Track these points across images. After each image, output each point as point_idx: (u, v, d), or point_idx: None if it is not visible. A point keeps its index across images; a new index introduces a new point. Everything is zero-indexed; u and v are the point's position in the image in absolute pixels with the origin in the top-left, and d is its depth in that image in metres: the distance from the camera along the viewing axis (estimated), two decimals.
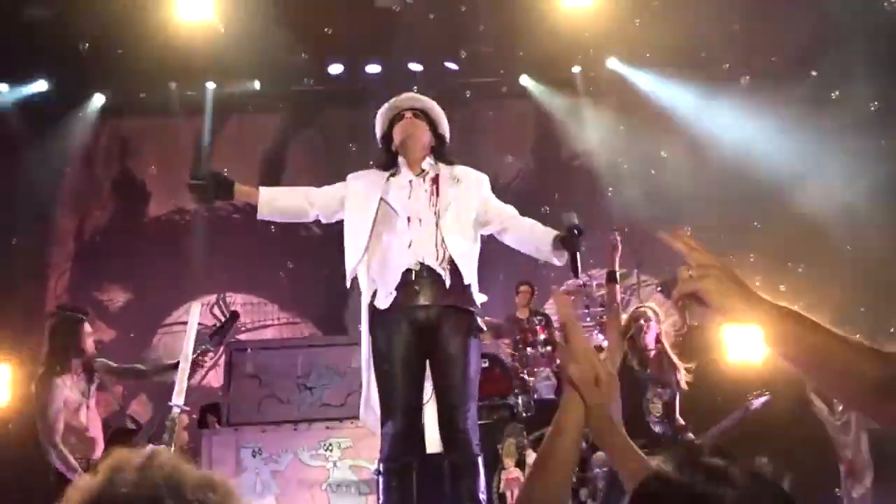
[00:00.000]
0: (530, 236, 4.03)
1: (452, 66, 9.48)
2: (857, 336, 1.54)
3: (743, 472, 1.34)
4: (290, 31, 8.83)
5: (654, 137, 9.84)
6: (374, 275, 3.96)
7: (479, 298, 4.05)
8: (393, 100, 4.22)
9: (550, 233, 3.89)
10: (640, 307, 6.03)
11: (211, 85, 9.90)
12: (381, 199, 3.99)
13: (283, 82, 10.09)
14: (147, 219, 10.57)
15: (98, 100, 10.01)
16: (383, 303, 3.88)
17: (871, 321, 7.97)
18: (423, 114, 4.16)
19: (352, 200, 4.08)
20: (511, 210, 4.17)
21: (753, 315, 1.64)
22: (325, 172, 10.19)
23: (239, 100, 10.21)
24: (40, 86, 9.52)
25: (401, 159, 4.11)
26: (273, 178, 10.69)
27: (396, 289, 3.86)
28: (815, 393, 7.37)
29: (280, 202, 4.14)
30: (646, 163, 9.85)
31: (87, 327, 5.16)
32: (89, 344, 5.13)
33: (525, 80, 10.11)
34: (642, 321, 5.77)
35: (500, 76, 10.08)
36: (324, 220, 4.20)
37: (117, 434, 5.10)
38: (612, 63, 9.81)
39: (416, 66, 9.12)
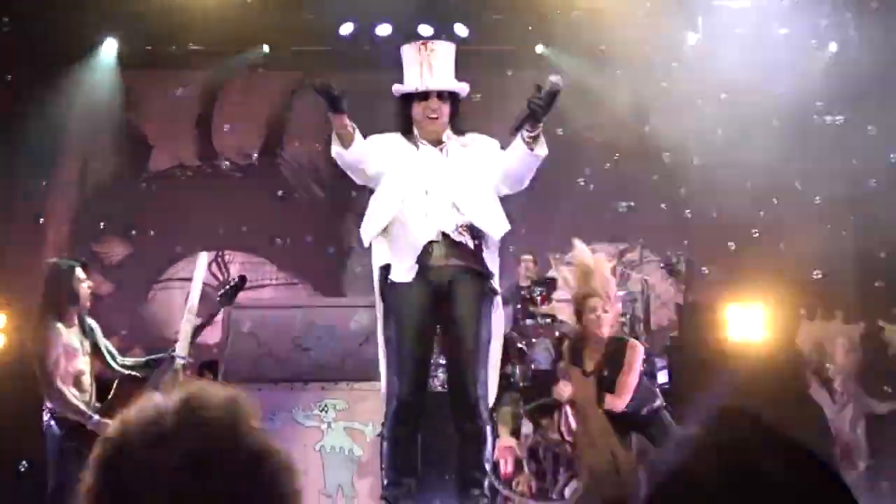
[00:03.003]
0: (511, 155, 3.96)
1: (463, 31, 9.34)
2: None
3: (784, 441, 1.18)
4: None
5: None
6: (392, 246, 3.90)
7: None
8: (414, 70, 4.04)
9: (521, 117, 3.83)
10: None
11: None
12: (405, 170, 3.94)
13: (291, 44, 9.98)
14: (148, 173, 10.49)
15: (110, 46, 9.86)
16: (404, 276, 3.81)
17: None
18: (448, 96, 4.05)
19: (388, 168, 3.99)
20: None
21: None
22: (328, 133, 10.14)
23: (249, 61, 10.11)
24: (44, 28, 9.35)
25: (417, 130, 4.04)
26: (276, 138, 10.63)
27: (418, 261, 3.81)
28: (814, 375, 7.40)
29: (367, 149, 3.97)
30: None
31: (81, 273, 5.08)
32: (83, 290, 5.06)
33: (541, 49, 9.99)
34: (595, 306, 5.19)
35: (514, 45, 9.94)
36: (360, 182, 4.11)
37: (125, 380, 5.06)
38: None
39: (426, 30, 8.98)
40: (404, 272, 3.81)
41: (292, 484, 1.24)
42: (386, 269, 3.90)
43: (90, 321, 5.19)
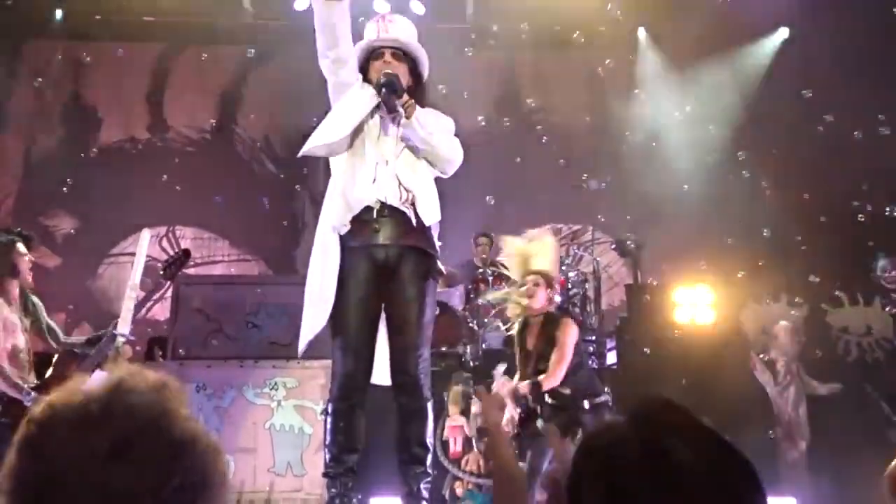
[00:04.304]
0: None
1: (419, 8, 9.30)
2: None
3: (699, 428, 1.30)
4: None
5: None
6: (336, 196, 3.88)
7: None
8: (372, 33, 4.04)
9: None
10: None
11: None
12: (362, 125, 3.90)
13: (245, 17, 9.86)
14: (97, 146, 10.32)
15: (57, 16, 9.65)
16: (339, 229, 3.82)
17: None
18: (402, 52, 4.03)
19: (349, 97, 3.90)
20: None
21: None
22: (282, 109, 10.07)
23: (202, 30, 9.95)
24: None
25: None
26: (229, 111, 10.52)
27: (352, 222, 3.81)
28: (758, 357, 7.53)
29: (343, 24, 3.78)
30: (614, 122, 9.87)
31: (21, 247, 4.97)
32: (24, 264, 4.96)
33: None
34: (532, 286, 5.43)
35: (470, 23, 9.91)
36: (331, 74, 3.90)
37: (63, 357, 4.99)
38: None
39: (382, 5, 8.93)
40: (340, 227, 3.80)
41: (220, 469, 1.25)
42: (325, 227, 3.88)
43: (34, 298, 5.10)
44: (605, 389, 5.59)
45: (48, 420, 1.21)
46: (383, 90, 3.79)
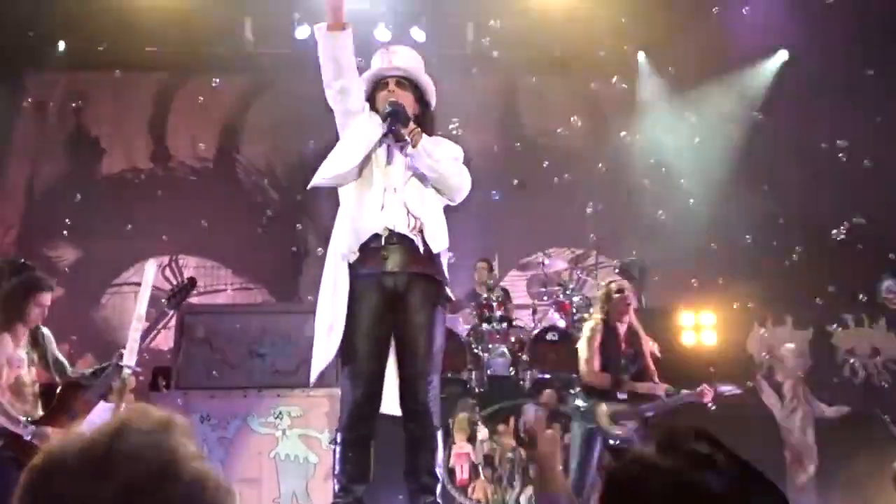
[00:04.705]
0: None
1: (420, 35, 9.35)
2: None
3: (730, 458, 1.27)
4: None
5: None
6: (344, 224, 3.89)
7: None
8: (377, 63, 4.07)
9: None
10: (614, 281, 6.07)
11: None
12: (370, 153, 3.91)
13: (246, 46, 9.90)
14: (100, 176, 10.35)
15: (60, 48, 9.71)
16: (348, 257, 3.82)
17: None
18: (407, 81, 4.05)
19: (356, 127, 3.92)
20: None
21: None
22: (283, 137, 10.10)
23: (204, 60, 10.00)
24: None
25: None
26: (231, 140, 10.55)
27: (360, 250, 3.80)
28: (764, 380, 7.50)
29: (347, 54, 3.83)
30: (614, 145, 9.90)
31: (43, 298, 4.94)
32: (35, 314, 4.91)
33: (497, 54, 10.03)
34: (626, 292, 5.89)
35: (471, 49, 9.94)
36: (337, 104, 3.91)
37: (68, 388, 4.97)
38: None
39: (383, 33, 8.98)
40: (349, 254, 3.80)
41: None
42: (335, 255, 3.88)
43: (44, 330, 5.06)
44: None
45: (49, 468, 1.15)
46: (388, 119, 3.80)
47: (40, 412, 4.88)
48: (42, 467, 1.16)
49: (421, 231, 3.84)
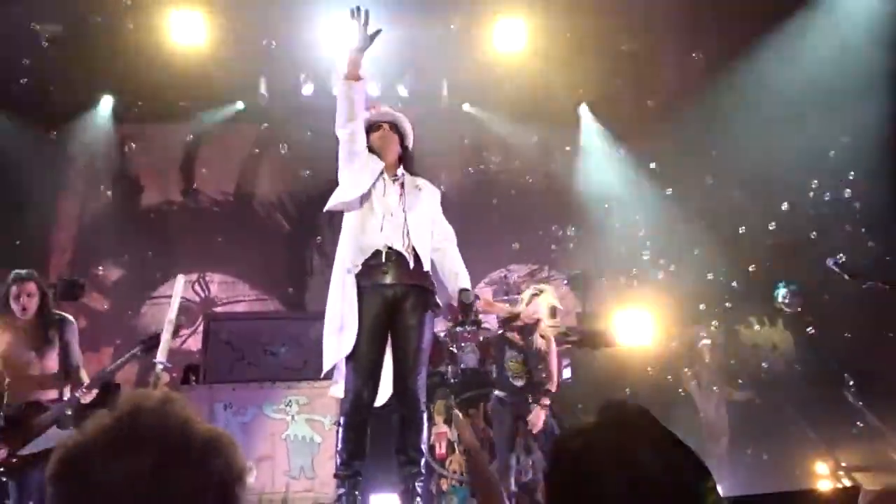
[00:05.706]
0: (447, 273, 4.11)
1: (403, 91, 9.39)
2: None
3: (665, 435, 1.20)
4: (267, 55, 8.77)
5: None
6: (349, 243, 3.94)
7: None
8: (374, 111, 4.22)
9: (458, 285, 4.01)
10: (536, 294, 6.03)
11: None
12: (371, 186, 3.97)
13: (260, 101, 9.90)
14: (140, 208, 10.30)
15: (107, 103, 9.70)
16: (352, 270, 3.86)
17: None
18: (394, 127, 4.16)
19: (360, 165, 4.02)
20: (450, 233, 4.22)
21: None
22: (292, 176, 10.11)
23: (226, 111, 10.02)
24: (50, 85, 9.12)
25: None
26: (248, 177, 10.54)
27: (363, 264, 3.84)
28: (687, 369, 7.57)
29: (360, 100, 4.02)
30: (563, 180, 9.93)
31: (14, 289, 4.64)
32: (24, 301, 4.63)
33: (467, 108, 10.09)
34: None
35: (445, 104, 9.97)
36: (346, 143, 4.01)
37: (28, 406, 4.51)
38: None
39: (373, 88, 9.01)
40: (352, 267, 3.84)
41: (243, 461, 1.17)
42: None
43: (57, 318, 4.80)
44: None
45: (82, 451, 1.09)
46: (466, 307, 3.93)
47: (53, 396, 4.65)
48: (74, 451, 1.10)
49: (414, 249, 3.90)
